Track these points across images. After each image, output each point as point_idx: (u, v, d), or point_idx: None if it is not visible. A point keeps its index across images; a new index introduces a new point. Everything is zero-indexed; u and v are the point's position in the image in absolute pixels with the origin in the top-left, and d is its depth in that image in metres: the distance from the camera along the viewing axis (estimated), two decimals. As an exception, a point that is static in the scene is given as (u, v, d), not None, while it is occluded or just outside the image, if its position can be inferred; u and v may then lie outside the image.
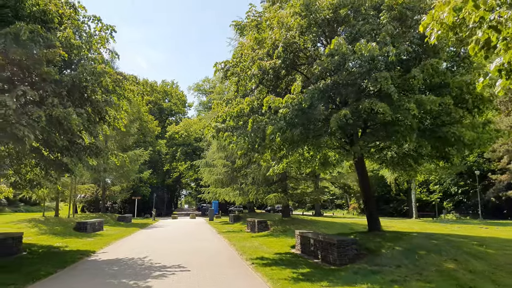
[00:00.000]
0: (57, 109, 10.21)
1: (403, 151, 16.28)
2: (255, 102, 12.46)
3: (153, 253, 14.33)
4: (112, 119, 14.68)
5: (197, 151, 66.63)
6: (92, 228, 22.99)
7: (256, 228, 24.20)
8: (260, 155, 16.76)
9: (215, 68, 14.32)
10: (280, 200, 23.79)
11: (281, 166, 17.87)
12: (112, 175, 37.58)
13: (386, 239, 12.49)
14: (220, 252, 14.92)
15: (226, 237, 21.24)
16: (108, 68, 12.84)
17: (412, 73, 10.52)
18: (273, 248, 15.95)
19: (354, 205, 74.35)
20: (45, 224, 21.44)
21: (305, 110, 11.30)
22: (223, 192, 29.88)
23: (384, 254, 11.00)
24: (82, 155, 13.75)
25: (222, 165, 33.81)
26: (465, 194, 49.89)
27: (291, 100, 10.97)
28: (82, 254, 13.73)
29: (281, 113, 11.17)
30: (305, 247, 14.26)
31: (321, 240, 12.41)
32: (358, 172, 15.06)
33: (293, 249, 15.61)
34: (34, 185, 16.06)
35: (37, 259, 12.50)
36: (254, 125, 11.68)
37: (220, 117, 13.09)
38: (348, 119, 10.33)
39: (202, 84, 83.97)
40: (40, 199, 25.57)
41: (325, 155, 18.03)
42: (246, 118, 12.61)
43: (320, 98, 11.46)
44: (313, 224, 24.60)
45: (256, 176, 26.94)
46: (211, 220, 41.88)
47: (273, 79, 13.56)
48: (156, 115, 77.07)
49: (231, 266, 11.71)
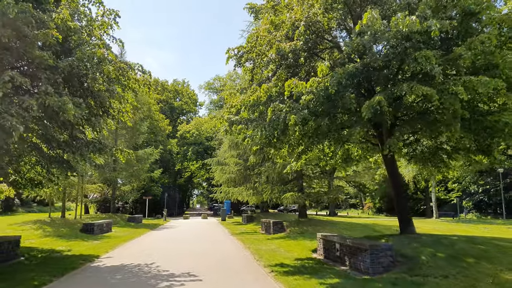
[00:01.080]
0: (51, 97, 9.00)
1: (435, 145, 14.81)
2: (273, 90, 11.06)
3: (161, 258, 13.08)
4: (117, 111, 13.46)
5: (209, 150, 65.61)
6: (100, 229, 21.89)
7: (271, 229, 22.85)
8: (276, 151, 15.42)
9: (227, 54, 12.99)
10: (297, 199, 22.40)
11: (300, 163, 16.51)
12: (122, 175, 36.58)
13: (424, 243, 11.01)
14: (235, 257, 13.61)
15: (240, 239, 19.93)
16: (110, 54, 11.62)
17: (457, 52, 9.05)
18: (292, 252, 14.58)
19: (369, 205, 72.68)
20: (50, 225, 20.40)
21: (331, 97, 9.91)
22: (236, 192, 28.56)
23: (425, 262, 9.55)
24: (84, 150, 12.54)
25: (234, 163, 32.55)
26: (485, 193, 48.07)
27: (316, 84, 9.58)
28: (84, 259, 12.55)
29: (304, 100, 9.80)
30: (329, 252, 12.86)
31: (349, 245, 11.00)
32: (388, 169, 13.58)
33: (315, 253, 14.22)
34: (35, 184, 14.96)
35: (34, 265, 11.34)
36: (273, 115, 10.30)
37: (234, 107, 11.76)
38: (382, 106, 8.91)
39: (212, 83, 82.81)
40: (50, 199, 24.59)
41: (347, 150, 16.64)
42: (263, 107, 11.25)
43: (349, 84, 10.05)
44: (332, 225, 23.16)
45: (271, 174, 25.58)
46: (223, 220, 40.67)
47: (292, 65, 12.14)
48: (167, 114, 76.22)
49: (248, 274, 10.38)
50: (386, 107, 8.95)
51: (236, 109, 11.73)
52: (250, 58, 12.65)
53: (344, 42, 10.49)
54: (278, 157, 16.64)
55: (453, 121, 9.44)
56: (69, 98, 9.43)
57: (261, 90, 10.95)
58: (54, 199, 24.87)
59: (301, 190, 24.84)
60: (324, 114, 10.15)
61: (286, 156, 16.69)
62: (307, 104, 9.88)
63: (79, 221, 23.32)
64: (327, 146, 16.16)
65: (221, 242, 18.90)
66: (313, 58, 13.56)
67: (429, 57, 8.65)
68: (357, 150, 16.71)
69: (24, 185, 14.61)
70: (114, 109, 13.38)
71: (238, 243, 18.07)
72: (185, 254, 14.22)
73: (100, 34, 12.75)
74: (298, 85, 9.76)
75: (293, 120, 9.64)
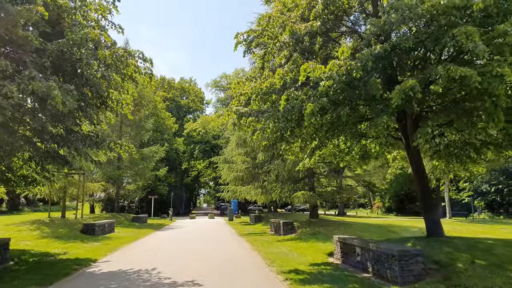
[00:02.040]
0: (35, 83, 7.91)
1: (463, 139, 13.54)
2: (288, 76, 9.84)
3: (163, 262, 11.97)
4: (115, 102, 12.37)
5: (216, 148, 64.64)
6: (101, 230, 20.86)
7: (281, 230, 21.66)
8: (288, 146, 14.26)
9: (236, 40, 11.81)
10: (309, 199, 21.18)
11: (313, 159, 15.34)
12: (126, 173, 35.60)
13: (457, 248, 9.76)
14: (244, 262, 12.45)
15: (249, 240, 18.78)
16: (106, 37, 10.52)
17: (500, 29, 7.80)
18: (306, 256, 13.39)
19: (378, 204, 71.38)
20: (49, 226, 19.40)
21: (353, 83, 8.72)
22: (243, 191, 27.38)
23: (463, 271, 8.31)
24: (79, 145, 11.47)
25: (242, 161, 31.43)
26: (497, 193, 46.75)
27: (336, 68, 8.38)
28: (80, 263, 11.46)
29: (322, 86, 8.61)
30: (347, 256, 11.66)
31: (373, 249, 9.79)
32: (413, 165, 12.28)
33: (331, 257, 13.03)
34: (28, 182, 13.93)
35: (23, 271, 10.27)
36: (288, 104, 9.11)
37: (244, 95, 10.57)
38: (416, 92, 7.67)
39: (219, 81, 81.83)
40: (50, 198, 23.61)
41: (364, 146, 15.41)
42: (276, 96, 10.07)
43: (374, 68, 8.84)
44: (345, 226, 21.91)
45: (280, 172, 24.39)
46: (230, 220, 39.55)
47: (307, 49, 10.92)
48: (174, 112, 75.32)
49: (261, 284, 9.22)
50: (419, 92, 7.72)
51: (246, 97, 10.55)
52: (261, 43, 11.47)
53: (369, 20, 9.19)
54: (289, 153, 15.43)
55: (494, 110, 8.20)
56: (57, 84, 8.35)
57: (275, 76, 9.73)
58: (55, 198, 23.88)
59: (312, 189, 23.62)
60: (345, 102, 8.95)
61: (298, 152, 15.51)
62: (326, 92, 8.69)
63: (80, 221, 22.32)
64: (342, 141, 15.00)
65: (229, 244, 17.77)
66: (330, 44, 12.36)
67: (471, 33, 7.42)
68: (374, 146, 15.51)
69: (17, 183, 13.56)
70: (112, 100, 12.29)
71: (247, 245, 16.92)
72: (190, 258, 13.10)
73: (98, 18, 11.70)
74: (316, 69, 8.56)
75: (310, 109, 8.45)
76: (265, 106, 10.99)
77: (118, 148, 12.77)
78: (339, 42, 12.43)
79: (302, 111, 8.80)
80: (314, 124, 10.33)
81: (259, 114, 11.37)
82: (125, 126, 36.56)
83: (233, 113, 11.70)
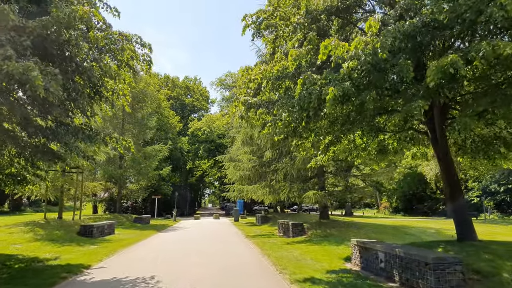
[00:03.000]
0: (10, 63, 6.78)
1: (493, 133, 12.31)
2: (304, 59, 8.62)
3: (164, 270, 10.81)
4: (111, 92, 11.22)
5: (221, 148, 63.55)
6: (100, 232, 19.76)
7: (290, 232, 20.46)
8: (301, 142, 13.07)
9: (244, 22, 10.60)
10: (320, 199, 19.95)
11: (327, 156, 14.13)
12: (129, 172, 34.52)
13: (497, 254, 8.52)
14: (253, 268, 11.27)
15: (256, 243, 17.59)
16: (96, 14, 9.37)
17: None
18: (321, 261, 12.18)
19: (385, 204, 70.14)
20: (44, 228, 18.31)
21: (380, 65, 7.50)
22: (250, 190, 26.14)
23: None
24: (69, 138, 10.33)
25: (248, 160, 30.23)
26: (507, 192, 45.63)
27: (362, 45, 7.17)
28: (70, 270, 10.32)
29: (346, 67, 7.41)
30: (368, 262, 10.44)
31: (401, 255, 8.57)
32: (441, 162, 10.99)
33: (348, 263, 11.80)
34: (17, 180, 12.83)
35: (4, 280, 9.15)
36: (305, 89, 7.90)
37: (253, 81, 9.36)
38: (459, 68, 6.44)
39: (224, 79, 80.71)
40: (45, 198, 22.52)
41: (382, 141, 14.20)
42: (290, 82, 8.86)
43: (403, 48, 7.61)
44: (357, 227, 20.64)
45: (289, 171, 23.15)
46: (236, 221, 38.36)
47: (324, 30, 9.69)
48: (178, 111, 74.37)
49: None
50: (463, 69, 6.48)
51: (255, 84, 9.33)
52: (272, 25, 10.27)
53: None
54: (301, 149, 14.22)
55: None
56: (37, 65, 7.21)
57: (288, 58, 8.52)
58: (51, 198, 22.80)
59: (323, 189, 22.36)
60: (371, 87, 7.73)
61: (310, 149, 14.32)
62: (349, 74, 7.48)
63: (78, 222, 21.22)
64: (359, 136, 13.80)
65: (235, 247, 16.59)
66: (348, 28, 11.14)
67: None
68: (392, 141, 14.29)
69: (5, 182, 12.46)
70: (107, 90, 11.14)
71: (255, 249, 15.73)
72: (193, 264, 11.92)
73: None
74: (339, 47, 7.35)
75: (332, 94, 7.23)
76: (276, 95, 9.80)
77: (114, 142, 11.61)
78: (358, 25, 11.21)
79: (321, 97, 7.58)
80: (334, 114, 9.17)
81: (270, 105, 10.19)
82: (127, 124, 35.50)
83: (240, 104, 10.51)
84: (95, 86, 10.69)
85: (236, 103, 10.64)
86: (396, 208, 63.88)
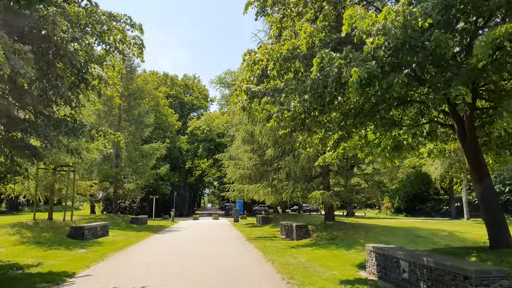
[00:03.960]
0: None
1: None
2: (317, 38, 7.40)
3: (157, 277, 9.62)
4: (97, 80, 10.02)
5: (220, 147, 62.37)
6: (92, 234, 18.55)
7: (294, 234, 19.26)
8: (309, 137, 11.91)
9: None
10: (328, 199, 18.75)
11: (337, 152, 12.97)
12: (125, 171, 33.28)
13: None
14: (257, 277, 10.08)
15: (258, 247, 16.39)
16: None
17: None
18: (331, 268, 10.99)
19: (387, 205, 69.00)
20: (32, 229, 17.10)
21: (411, 41, 6.32)
22: (251, 190, 24.90)
23: None
24: (50, 131, 9.14)
25: (248, 158, 29.04)
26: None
27: (392, 16, 5.97)
28: (50, 280, 9.12)
29: (370, 44, 6.22)
30: (387, 271, 9.24)
31: (429, 265, 7.37)
32: (470, 159, 9.76)
33: (363, 271, 10.61)
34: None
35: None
36: (322, 68, 6.68)
37: (258, 63, 8.14)
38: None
39: (224, 77, 79.43)
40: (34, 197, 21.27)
41: (396, 137, 13.02)
42: (300, 64, 7.64)
43: (440, 21, 6.41)
44: (366, 229, 19.41)
45: (292, 169, 21.94)
46: (236, 221, 37.14)
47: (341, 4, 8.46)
48: (177, 109, 73.15)
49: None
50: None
51: (260, 67, 8.11)
52: (278, 1, 9.04)
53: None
54: (307, 145, 13.03)
55: None
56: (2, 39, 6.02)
57: (301, 35, 7.31)
58: (41, 198, 21.54)
59: (328, 188, 21.15)
60: (399, 68, 6.54)
61: (318, 145, 13.14)
62: (374, 53, 6.28)
63: (69, 224, 20.00)
64: (371, 131, 12.64)
65: (236, 251, 15.40)
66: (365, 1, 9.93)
67: None
68: (407, 137, 13.12)
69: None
70: (94, 77, 9.95)
71: (257, 253, 14.53)
72: (189, 272, 10.73)
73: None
74: (366, 18, 6.14)
75: (356, 76, 6.01)
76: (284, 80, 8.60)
77: (101, 137, 10.41)
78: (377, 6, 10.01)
79: (340, 80, 6.38)
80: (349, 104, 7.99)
81: (276, 94, 9.00)
82: (124, 121, 34.28)
83: (242, 93, 9.31)
84: (80, 72, 9.51)
85: (238, 91, 9.44)
86: (398, 208, 62.85)
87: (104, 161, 31.45)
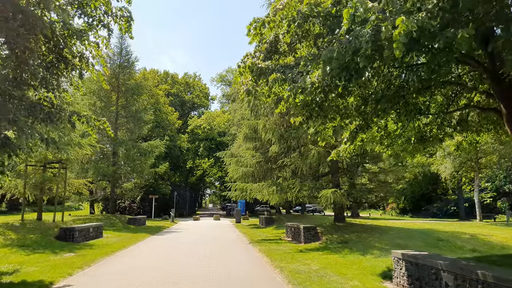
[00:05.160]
0: None
1: None
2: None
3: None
4: (78, 57, 8.56)
5: (221, 146, 61.02)
6: (83, 235, 17.11)
7: (301, 237, 17.76)
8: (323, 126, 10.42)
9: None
10: (340, 198, 17.24)
11: (355, 145, 11.48)
12: (122, 169, 31.84)
13: None
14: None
15: (263, 251, 14.91)
16: None
17: None
18: (349, 277, 9.51)
19: (392, 205, 67.50)
20: (17, 231, 15.65)
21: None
22: (255, 189, 23.38)
23: None
24: (19, 116, 7.69)
25: (251, 156, 27.55)
26: (523, 193, 43.71)
27: None
28: (21, 292, 7.70)
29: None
30: (422, 284, 7.74)
31: (488, 281, 5.88)
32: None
33: (388, 282, 9.11)
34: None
35: None
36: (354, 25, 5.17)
37: (270, 23, 6.59)
38: None
39: (225, 75, 78.04)
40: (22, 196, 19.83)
41: (421, 127, 11.52)
42: (323, 28, 6.15)
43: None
44: (380, 232, 17.89)
45: (299, 167, 20.45)
46: (238, 222, 35.63)
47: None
48: (178, 108, 71.75)
49: None
50: None
51: (271, 30, 6.60)
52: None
53: None
54: (319, 138, 11.51)
55: None
56: None
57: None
58: (30, 197, 20.09)
59: (338, 187, 19.64)
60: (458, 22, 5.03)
61: (331, 137, 11.61)
62: (422, 2, 4.80)
63: (59, 224, 18.54)
64: (392, 120, 11.15)
65: (239, 257, 13.92)
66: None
67: None
68: (431, 128, 11.62)
69: None
70: (74, 54, 8.50)
71: (263, 259, 13.05)
72: (185, 282, 9.26)
73: None
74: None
75: (404, 27, 4.46)
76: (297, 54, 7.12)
77: (84, 124, 8.95)
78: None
79: (377, 40, 4.88)
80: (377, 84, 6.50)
81: (287, 70, 7.52)
82: (121, 118, 32.87)
83: (247, 71, 7.84)
84: (56, 48, 8.06)
85: (242, 68, 7.95)
86: (404, 209, 61.43)
87: (101, 159, 30.04)
